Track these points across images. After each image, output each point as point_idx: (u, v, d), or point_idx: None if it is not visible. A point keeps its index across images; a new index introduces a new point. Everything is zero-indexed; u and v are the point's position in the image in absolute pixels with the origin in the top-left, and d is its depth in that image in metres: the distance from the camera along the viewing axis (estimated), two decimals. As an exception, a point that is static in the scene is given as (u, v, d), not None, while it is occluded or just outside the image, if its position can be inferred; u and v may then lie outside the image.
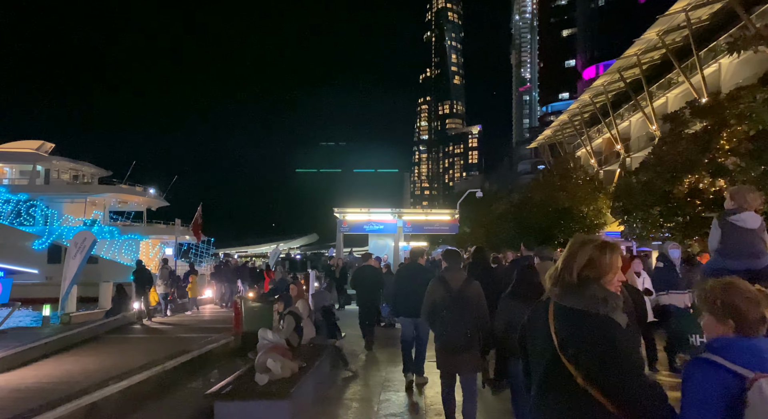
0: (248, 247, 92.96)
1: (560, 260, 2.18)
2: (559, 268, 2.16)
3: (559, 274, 2.14)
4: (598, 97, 42.85)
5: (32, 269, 34.95)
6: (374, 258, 13.70)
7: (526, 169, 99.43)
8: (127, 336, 13.48)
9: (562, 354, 1.98)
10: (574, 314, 2.02)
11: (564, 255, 2.16)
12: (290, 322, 7.37)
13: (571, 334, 1.99)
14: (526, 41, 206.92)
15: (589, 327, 1.97)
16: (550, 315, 2.09)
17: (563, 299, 2.08)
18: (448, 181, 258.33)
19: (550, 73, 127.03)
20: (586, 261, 2.09)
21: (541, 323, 2.13)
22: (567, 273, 2.11)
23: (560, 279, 2.13)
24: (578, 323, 2.00)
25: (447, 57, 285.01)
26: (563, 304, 2.07)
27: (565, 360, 1.97)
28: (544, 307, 2.16)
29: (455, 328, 4.92)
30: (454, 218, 19.53)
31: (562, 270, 2.13)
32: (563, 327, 2.03)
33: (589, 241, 2.15)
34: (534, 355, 2.18)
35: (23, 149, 40.46)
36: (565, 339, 2.00)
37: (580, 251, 2.12)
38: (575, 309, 2.02)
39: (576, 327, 2.00)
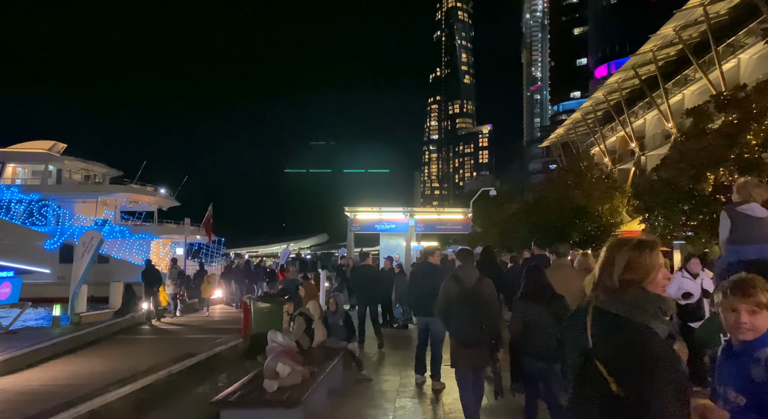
0: (259, 247, 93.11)
1: (598, 265, 2.11)
2: (597, 274, 2.09)
3: (598, 280, 2.07)
4: (612, 95, 42.22)
5: (44, 269, 35.07)
6: (386, 258, 13.43)
7: (537, 169, 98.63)
8: (136, 337, 13.29)
9: (596, 359, 1.93)
10: (610, 318, 1.96)
11: (601, 260, 2.10)
12: (301, 324, 7.07)
13: (604, 338, 1.95)
14: (537, 40, 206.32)
15: (622, 333, 1.92)
16: (588, 319, 2.03)
17: (603, 303, 2.01)
18: (458, 180, 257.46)
19: (562, 72, 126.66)
20: (626, 264, 2.02)
21: (580, 326, 2.06)
22: (607, 278, 2.03)
23: (600, 284, 2.06)
24: (612, 327, 1.95)
25: (457, 56, 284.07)
26: (602, 308, 2.00)
27: (600, 365, 1.91)
28: (584, 312, 2.09)
29: (470, 324, 5.07)
30: (467, 217, 19.14)
31: (601, 275, 2.06)
32: (598, 331, 1.98)
33: (625, 242, 2.08)
34: (571, 358, 2.13)
35: (35, 149, 40.65)
36: (598, 343, 1.95)
37: (618, 254, 2.05)
38: (612, 313, 1.97)
39: (609, 331, 1.95)
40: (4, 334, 13.93)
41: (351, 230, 18.73)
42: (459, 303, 5.20)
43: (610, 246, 2.10)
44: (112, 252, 35.65)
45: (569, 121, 53.99)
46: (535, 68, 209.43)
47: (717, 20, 29.37)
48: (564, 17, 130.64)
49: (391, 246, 18.92)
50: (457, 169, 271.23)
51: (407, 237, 19.11)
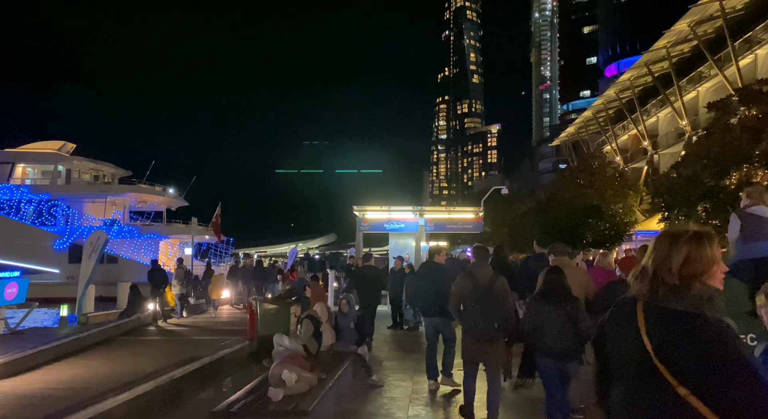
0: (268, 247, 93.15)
1: (651, 258, 1.93)
2: (651, 267, 1.91)
3: (653, 274, 1.90)
4: (624, 93, 41.62)
5: (54, 269, 35.12)
6: (397, 258, 13.10)
7: (547, 168, 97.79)
8: (141, 339, 13.05)
9: (658, 360, 1.78)
10: (676, 316, 1.81)
11: (656, 253, 1.92)
12: (308, 327, 6.75)
13: (672, 339, 1.79)
14: (546, 39, 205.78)
15: (699, 332, 1.76)
16: (639, 318, 1.87)
17: (660, 300, 1.86)
18: (466, 180, 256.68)
19: (571, 71, 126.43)
20: (686, 257, 1.87)
21: (626, 326, 1.91)
22: (665, 272, 1.87)
23: (655, 278, 1.89)
24: (681, 326, 1.79)
25: (466, 56, 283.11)
26: (660, 305, 1.85)
27: (661, 366, 1.77)
28: (630, 308, 1.93)
29: (482, 320, 5.15)
30: (478, 216, 18.71)
31: (657, 268, 1.89)
32: (660, 331, 1.82)
33: (682, 234, 1.93)
34: (617, 360, 1.97)
35: (45, 149, 40.73)
36: (664, 344, 1.79)
37: (675, 247, 1.89)
38: (677, 311, 1.81)
39: (678, 330, 1.79)
40: (11, 335, 13.80)
41: (360, 230, 18.38)
42: (473, 300, 5.27)
43: (665, 239, 1.95)
44: (121, 252, 35.65)
45: (580, 119, 53.34)
46: (545, 67, 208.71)
47: (733, 15, 28.77)
48: (573, 16, 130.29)
49: (400, 246, 18.55)
50: (466, 168, 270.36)
51: (417, 237, 18.73)
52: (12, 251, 33.94)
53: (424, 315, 7.04)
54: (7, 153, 39.66)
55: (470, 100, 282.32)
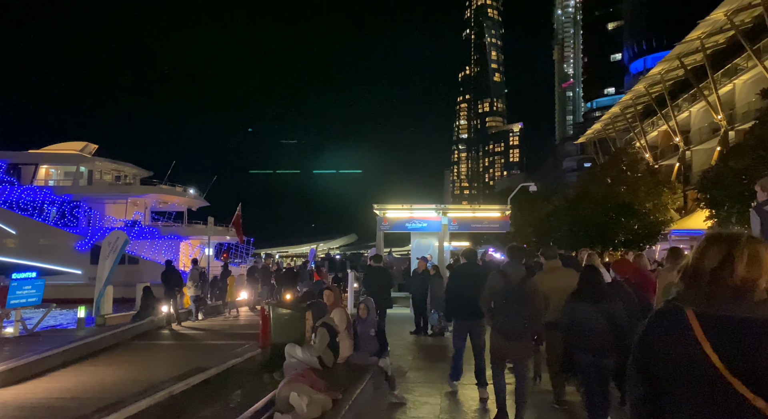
0: (289, 247, 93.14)
1: (703, 260, 1.79)
2: (707, 269, 1.76)
3: (711, 276, 1.75)
4: (654, 87, 40.14)
5: (76, 269, 35.17)
6: (420, 259, 12.36)
7: (571, 167, 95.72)
8: (153, 343, 12.54)
9: (732, 374, 1.61)
10: (744, 324, 1.65)
11: (711, 253, 1.78)
12: (323, 337, 6.05)
13: (744, 349, 1.62)
14: (569, 36, 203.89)
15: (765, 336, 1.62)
16: (696, 329, 1.69)
17: (719, 307, 1.71)
18: (488, 180, 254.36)
19: (595, 68, 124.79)
20: (748, 260, 1.75)
21: (679, 338, 1.72)
22: (727, 277, 1.73)
23: (714, 282, 1.74)
24: (753, 335, 1.63)
25: (487, 54, 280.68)
26: (720, 313, 1.69)
27: (736, 380, 1.60)
28: (679, 318, 1.75)
29: (512, 318, 5.27)
30: (504, 215, 17.77)
31: (718, 271, 1.74)
32: (729, 341, 1.64)
33: (739, 236, 1.82)
34: (674, 379, 1.74)
35: (68, 151, 40.94)
36: (735, 356, 1.62)
37: (737, 249, 1.76)
38: (744, 319, 1.65)
39: (750, 339, 1.63)
40: (27, 337, 13.52)
41: (380, 229, 17.60)
42: (504, 298, 5.38)
43: (721, 240, 1.82)
44: (142, 253, 35.58)
45: (607, 115, 51.81)
46: (567, 65, 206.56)
47: (773, 3, 27.26)
48: (597, 12, 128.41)
49: (422, 246, 17.75)
50: (487, 168, 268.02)
51: (440, 237, 17.89)
52: (36, 252, 34.14)
53: (457, 318, 6.89)
54: (30, 154, 39.95)
55: (491, 99, 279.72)
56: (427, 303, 12.03)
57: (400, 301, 17.48)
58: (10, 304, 13.98)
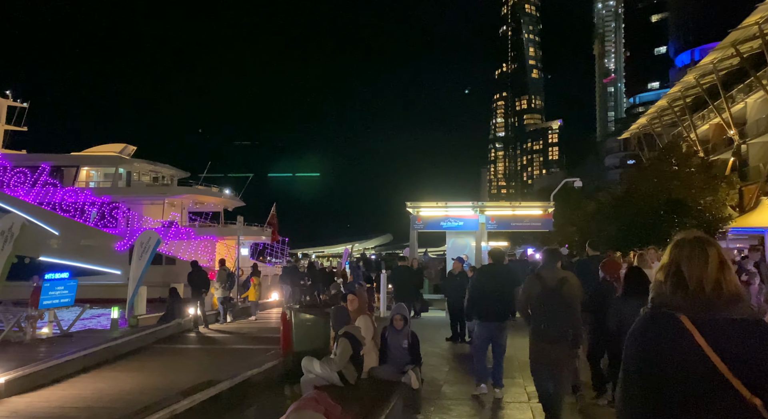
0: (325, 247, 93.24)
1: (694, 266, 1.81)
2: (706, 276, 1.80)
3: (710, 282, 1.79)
4: (705, 78, 37.89)
5: (116, 270, 35.64)
6: (456, 260, 11.51)
7: (614, 164, 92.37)
8: (177, 347, 12.10)
9: (734, 375, 1.68)
10: (740, 325, 1.74)
11: (702, 259, 1.81)
12: (345, 349, 5.29)
13: (744, 350, 1.70)
14: (610, 30, 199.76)
15: (764, 336, 1.72)
16: (695, 333, 1.73)
17: (717, 311, 1.77)
18: (526, 178, 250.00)
19: (638, 62, 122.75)
20: (730, 263, 1.86)
21: (678, 343, 1.75)
22: (725, 282, 1.80)
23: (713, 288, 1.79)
24: (751, 335, 1.72)
25: (524, 50, 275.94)
26: (716, 317, 1.76)
27: (736, 381, 1.67)
28: (673, 324, 1.78)
29: (549, 323, 5.26)
30: (547, 212, 16.59)
31: (716, 277, 1.80)
32: (729, 344, 1.71)
33: (709, 239, 1.90)
34: (676, 384, 1.76)
35: (107, 152, 41.70)
36: (737, 357, 1.69)
37: (722, 253, 1.86)
38: (740, 320, 1.75)
39: (749, 340, 1.72)
40: (60, 338, 13.39)
41: (414, 228, 16.73)
42: (540, 302, 5.38)
43: (709, 246, 1.86)
44: (179, 253, 35.82)
45: (653, 109, 49.41)
46: (609, 60, 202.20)
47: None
48: (640, 4, 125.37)
49: (459, 246, 16.76)
50: (525, 166, 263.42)
51: (477, 236, 16.90)
52: (78, 252, 34.79)
53: (481, 319, 6.83)
54: (72, 156, 40.84)
55: (529, 96, 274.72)
56: (464, 307, 11.15)
57: (436, 303, 16.64)
58: (43, 305, 13.94)
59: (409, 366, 5.81)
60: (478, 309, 6.86)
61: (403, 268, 11.46)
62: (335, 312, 5.67)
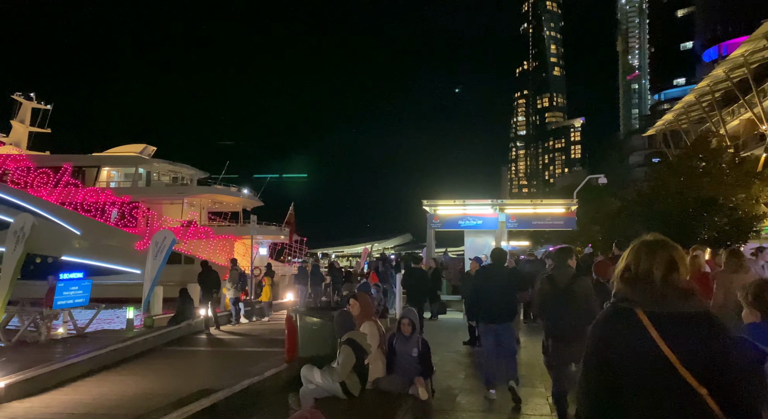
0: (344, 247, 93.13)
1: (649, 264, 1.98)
2: (658, 273, 1.96)
3: (662, 279, 1.96)
4: (736, 71, 36.55)
5: (136, 269, 35.78)
6: (473, 260, 10.96)
7: (638, 162, 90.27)
8: (186, 349, 11.79)
9: (684, 367, 1.81)
10: (692, 319, 1.88)
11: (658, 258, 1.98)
12: (348, 358, 4.83)
13: (696, 343, 1.84)
14: (634, 26, 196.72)
15: (714, 331, 1.87)
16: (649, 327, 1.87)
17: (670, 305, 1.90)
18: (548, 177, 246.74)
19: (663, 58, 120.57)
20: (687, 262, 2.02)
21: (634, 336, 1.89)
22: (675, 277, 1.96)
23: (665, 284, 1.95)
24: (701, 329, 1.86)
25: (546, 48, 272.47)
26: (670, 311, 1.90)
27: (686, 372, 1.81)
28: (631, 317, 1.92)
29: (562, 321, 5.30)
30: (570, 210, 15.86)
31: (668, 274, 1.96)
32: (680, 337, 1.85)
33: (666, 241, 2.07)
34: (630, 373, 1.90)
35: (128, 153, 41.98)
36: (688, 350, 1.83)
37: (677, 253, 2.01)
38: (691, 314, 1.89)
39: (700, 333, 1.86)
40: (74, 338, 13.27)
41: (430, 227, 16.16)
42: (553, 302, 5.42)
43: (662, 245, 2.03)
44: (197, 253, 35.84)
45: (680, 105, 47.97)
46: (632, 56, 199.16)
47: None
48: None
49: (477, 245, 16.12)
50: (547, 165, 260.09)
51: (497, 235, 16.27)
52: (99, 252, 35.10)
53: (484, 321, 6.78)
54: (93, 157, 41.21)
55: (551, 94, 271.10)
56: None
57: (455, 305, 16.11)
58: (57, 305, 13.80)
59: (419, 377, 5.32)
60: (480, 311, 6.87)
61: (415, 270, 11.28)
62: (338, 317, 5.21)
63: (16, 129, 43.34)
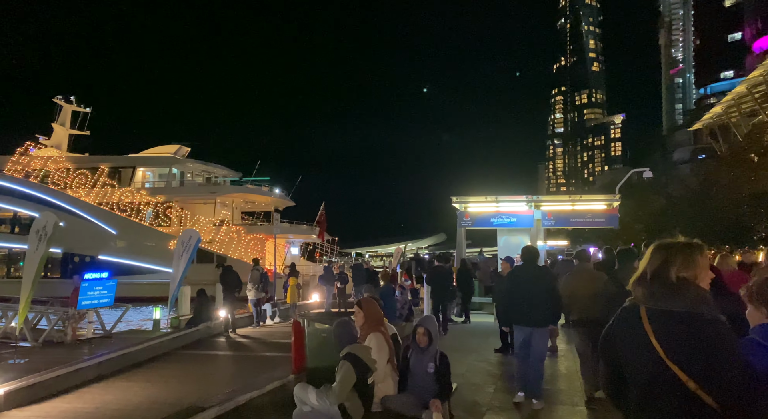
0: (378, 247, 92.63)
1: (648, 264, 2.16)
2: (649, 272, 2.15)
3: (651, 278, 2.13)
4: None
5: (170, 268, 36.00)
6: (504, 260, 10.07)
7: (683, 158, 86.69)
8: (200, 354, 11.28)
9: (670, 360, 1.95)
10: (680, 317, 2.00)
11: (653, 259, 2.16)
12: (347, 376, 4.08)
13: (680, 338, 1.96)
14: (678, 18, 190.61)
15: (700, 330, 1.95)
16: (644, 321, 2.05)
17: (660, 303, 2.06)
18: (587, 175, 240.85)
19: (709, 51, 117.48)
20: (681, 262, 2.10)
21: (633, 330, 2.08)
22: (664, 276, 2.09)
23: (654, 282, 2.11)
24: (686, 326, 1.97)
25: (584, 43, 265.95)
26: (662, 308, 2.04)
27: (673, 366, 1.94)
28: (633, 313, 2.12)
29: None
30: (612, 207, 14.66)
31: (657, 273, 2.12)
32: (668, 332, 1.99)
33: (675, 243, 2.19)
34: (629, 363, 2.10)
35: (162, 153, 42.50)
36: (673, 344, 1.97)
37: (671, 253, 2.13)
38: (680, 312, 2.01)
39: (685, 330, 1.97)
40: (99, 339, 13.09)
41: (461, 226, 15.21)
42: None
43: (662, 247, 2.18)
44: (228, 252, 35.96)
45: (730, 96, 45.43)
46: (676, 49, 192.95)
47: None
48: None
49: (511, 244, 15.05)
50: (586, 163, 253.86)
51: (532, 234, 15.21)
52: (135, 251, 35.56)
53: (516, 323, 6.63)
54: (129, 158, 41.87)
55: (590, 90, 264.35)
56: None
57: (487, 307, 15.18)
58: (82, 305, 13.67)
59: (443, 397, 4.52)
60: (511, 313, 6.73)
61: (437, 269, 10.99)
62: (336, 328, 4.47)
63: (57, 131, 44.44)
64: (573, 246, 41.26)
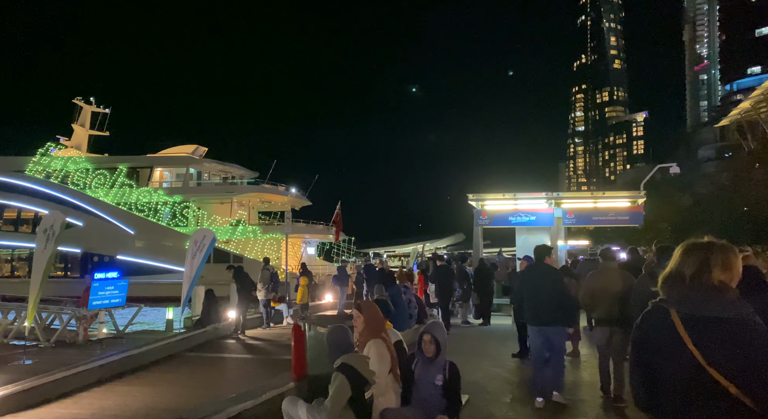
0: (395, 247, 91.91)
1: (684, 265, 2.07)
2: (688, 274, 2.05)
3: (690, 280, 2.04)
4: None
5: (184, 268, 36.01)
6: (523, 259, 9.54)
7: (709, 156, 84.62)
8: (206, 356, 10.94)
9: (710, 366, 1.89)
10: (720, 322, 1.93)
11: (690, 260, 2.07)
12: (340, 389, 3.62)
13: (722, 344, 1.90)
14: (702, 13, 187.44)
15: (742, 334, 1.90)
16: (678, 327, 1.97)
17: (699, 307, 1.98)
18: (608, 174, 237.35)
19: (736, 46, 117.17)
20: (722, 264, 2.03)
21: (667, 336, 2.00)
22: (705, 279, 2.01)
23: (693, 285, 2.02)
24: (728, 331, 1.91)
25: (605, 40, 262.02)
26: (701, 313, 1.96)
27: (714, 371, 1.88)
28: (664, 318, 2.03)
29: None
30: (636, 204, 13.94)
31: (697, 275, 2.03)
32: (708, 338, 1.92)
33: (714, 244, 2.10)
34: (666, 370, 2.02)
35: (179, 153, 42.66)
36: (714, 350, 1.90)
37: (713, 255, 2.05)
38: (720, 318, 1.93)
39: (726, 335, 1.90)
40: (111, 339, 12.93)
41: (477, 224, 14.60)
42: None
43: (700, 247, 2.09)
44: (245, 251, 35.99)
45: (759, 90, 43.83)
46: (701, 45, 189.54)
47: None
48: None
49: (530, 244, 14.29)
50: (608, 161, 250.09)
51: (552, 233, 14.57)
52: (153, 251, 35.69)
53: (534, 324, 6.49)
54: (146, 158, 42.08)
55: (611, 88, 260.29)
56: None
57: (505, 309, 14.60)
58: (92, 305, 13.50)
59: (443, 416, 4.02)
60: (526, 313, 6.70)
61: (441, 268, 11.07)
62: (329, 335, 4.01)
63: (77, 132, 44.92)
64: (595, 245, 40.30)
